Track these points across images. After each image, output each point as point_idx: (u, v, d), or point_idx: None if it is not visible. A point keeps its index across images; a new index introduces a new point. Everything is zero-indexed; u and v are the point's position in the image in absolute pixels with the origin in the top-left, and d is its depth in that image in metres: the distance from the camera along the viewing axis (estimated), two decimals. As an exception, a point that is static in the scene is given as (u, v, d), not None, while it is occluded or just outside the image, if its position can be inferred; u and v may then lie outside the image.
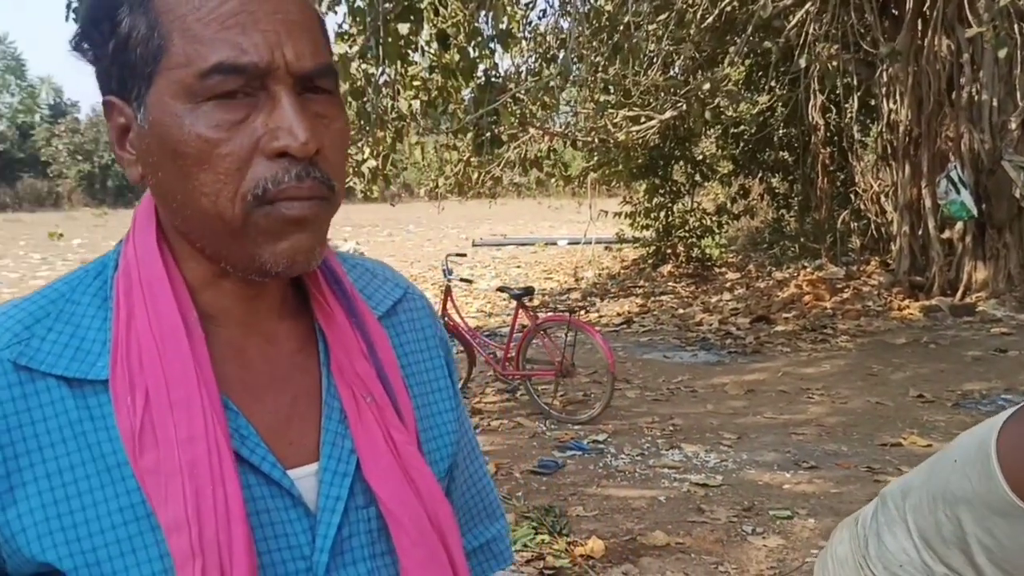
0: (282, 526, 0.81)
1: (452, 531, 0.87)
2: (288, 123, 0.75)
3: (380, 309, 0.94)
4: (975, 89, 9.48)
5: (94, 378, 0.78)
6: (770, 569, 3.91)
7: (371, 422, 0.85)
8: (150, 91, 0.77)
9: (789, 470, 5.20)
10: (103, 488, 0.76)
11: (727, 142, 14.73)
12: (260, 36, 0.74)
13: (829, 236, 12.88)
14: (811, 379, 7.46)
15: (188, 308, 0.81)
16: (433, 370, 0.97)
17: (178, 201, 0.78)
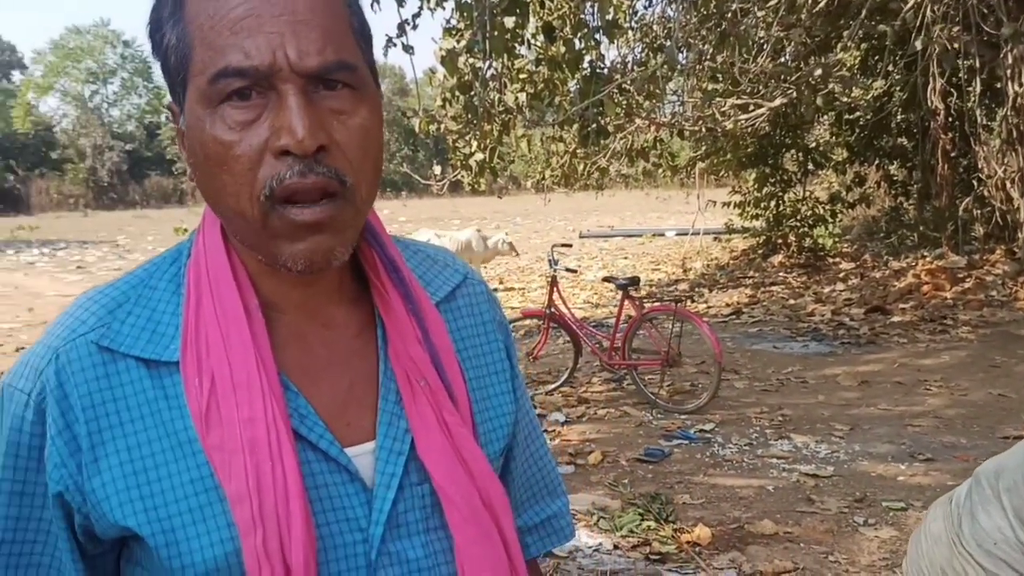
0: (340, 500, 0.86)
1: (504, 509, 0.91)
2: (289, 122, 0.77)
3: (438, 295, 0.98)
4: (1109, 67, 8.97)
5: (168, 360, 0.85)
6: (882, 560, 3.85)
7: (425, 405, 0.89)
8: (185, 98, 0.82)
9: (904, 462, 5.08)
10: (176, 462, 0.83)
11: (841, 129, 14.31)
12: (264, 39, 0.77)
13: (950, 224, 12.39)
14: (929, 370, 7.24)
15: (250, 296, 0.86)
16: (490, 353, 1.01)
17: (212, 200, 0.84)
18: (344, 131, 0.81)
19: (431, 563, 0.89)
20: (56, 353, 0.84)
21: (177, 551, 0.81)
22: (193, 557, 0.81)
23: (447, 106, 8.91)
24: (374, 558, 0.86)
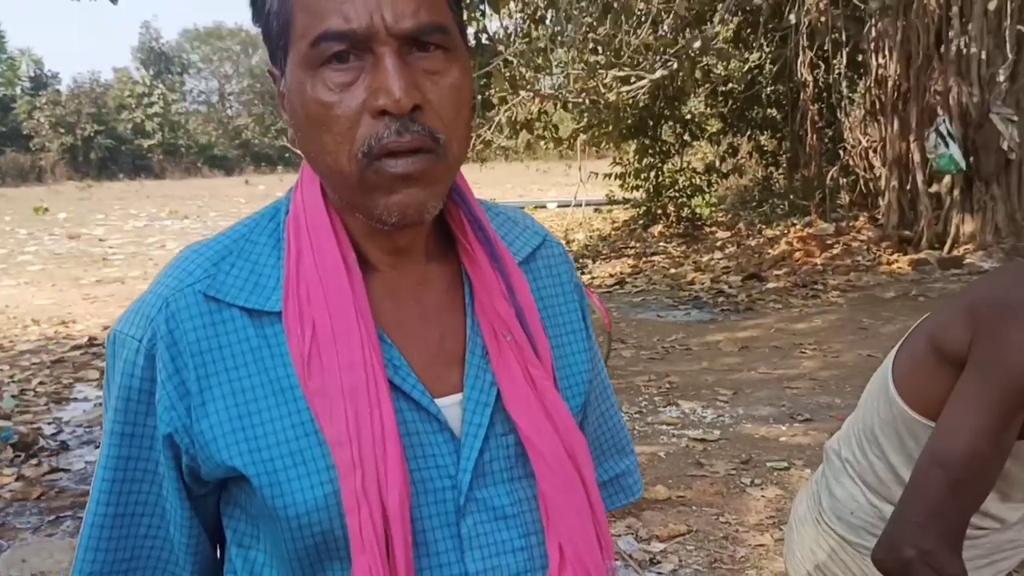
0: (430, 447, 0.89)
1: (586, 460, 0.95)
2: (386, 82, 0.81)
3: (520, 255, 1.01)
4: (964, 42, 9.50)
5: (270, 310, 0.88)
6: (769, 518, 4.01)
7: (510, 358, 0.92)
8: (287, 61, 0.86)
9: (785, 423, 5.30)
10: (278, 407, 0.87)
11: (716, 100, 14.71)
12: (361, 3, 0.81)
13: (818, 192, 12.94)
14: (803, 334, 7.56)
15: (348, 251, 0.89)
16: (568, 313, 1.04)
17: (312, 159, 0.88)
18: (437, 91, 0.84)
19: (516, 510, 0.92)
20: (166, 301, 0.89)
21: (280, 491, 0.85)
22: (295, 497, 0.85)
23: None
24: (462, 503, 0.90)
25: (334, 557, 0.87)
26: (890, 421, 1.45)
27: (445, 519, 0.89)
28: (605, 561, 0.96)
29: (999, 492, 1.38)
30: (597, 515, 0.95)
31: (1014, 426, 1.24)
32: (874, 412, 1.50)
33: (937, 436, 1.28)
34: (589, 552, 0.93)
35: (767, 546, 3.74)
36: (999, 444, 1.24)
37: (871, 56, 11.09)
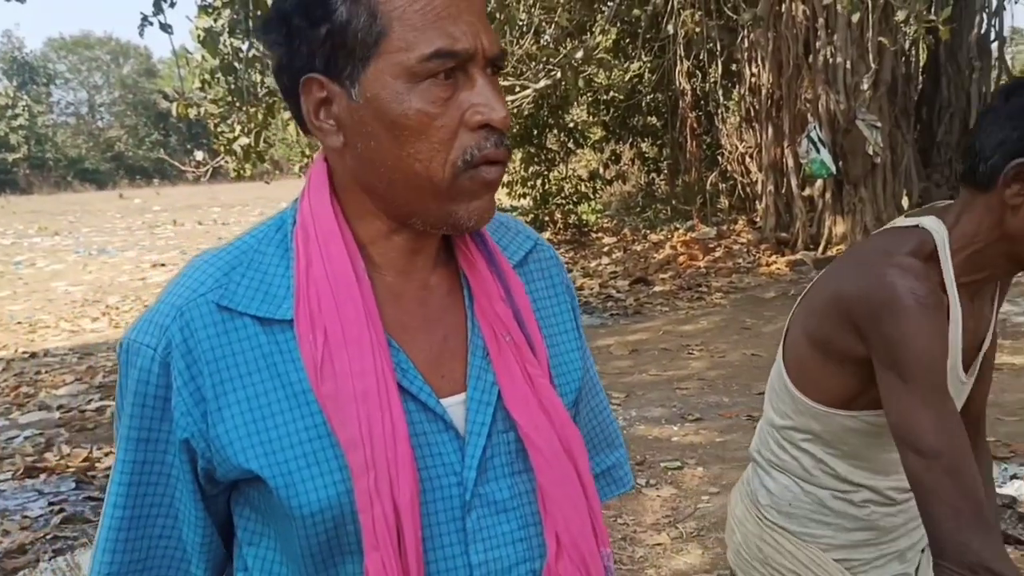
0: (437, 447, 0.94)
1: (581, 454, 1.00)
2: (488, 99, 0.89)
3: (515, 259, 1.06)
4: (830, 52, 9.94)
5: (281, 318, 0.92)
6: (665, 517, 4.10)
7: (510, 358, 0.97)
8: (366, 71, 0.89)
9: (676, 423, 5.43)
10: (291, 411, 0.91)
11: (598, 109, 14.97)
12: (466, 27, 0.88)
13: (699, 197, 13.31)
14: (690, 336, 7.76)
15: (356, 258, 0.94)
16: (561, 314, 1.09)
17: (387, 166, 0.91)
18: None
19: (516, 503, 0.97)
20: (180, 311, 0.92)
21: (295, 491, 0.89)
22: (308, 497, 0.89)
23: (206, 88, 8.49)
24: (468, 499, 0.94)
25: (345, 552, 0.92)
26: (797, 415, 1.53)
27: (451, 514, 0.94)
28: (600, 549, 1.01)
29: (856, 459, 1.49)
30: (592, 506, 1.00)
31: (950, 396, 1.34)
32: (780, 410, 1.58)
33: (908, 445, 1.34)
34: (585, 541, 0.99)
35: (664, 545, 3.82)
36: (955, 418, 1.33)
37: (745, 65, 11.50)
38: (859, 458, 1.51)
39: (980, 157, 1.33)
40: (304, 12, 0.90)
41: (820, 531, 1.53)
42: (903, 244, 1.39)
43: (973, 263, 1.37)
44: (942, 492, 1.29)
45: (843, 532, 1.53)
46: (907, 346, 1.31)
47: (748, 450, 1.75)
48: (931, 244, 1.38)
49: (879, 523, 1.53)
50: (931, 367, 1.30)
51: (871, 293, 1.35)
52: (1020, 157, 1.30)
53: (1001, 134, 1.31)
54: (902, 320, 1.31)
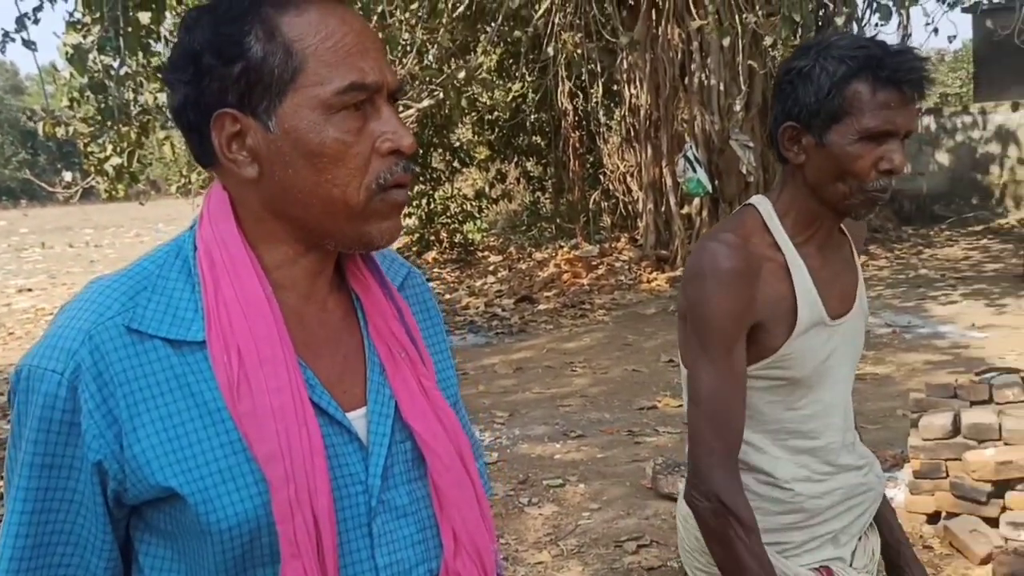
0: (345, 457, 1.00)
1: (471, 457, 1.09)
2: (396, 128, 0.97)
3: (395, 283, 1.14)
4: (704, 75, 10.28)
5: (191, 339, 0.96)
6: (547, 535, 4.13)
7: (406, 373, 1.05)
8: (283, 104, 0.95)
9: (559, 440, 5.48)
10: (206, 429, 0.94)
11: (483, 129, 15.07)
12: (373, 62, 0.97)
13: (582, 216, 13.52)
14: (573, 353, 7.86)
15: (265, 282, 0.99)
16: (437, 335, 1.19)
17: (305, 192, 0.97)
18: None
19: (415, 508, 1.04)
20: (88, 335, 0.94)
21: (212, 507, 0.92)
22: (226, 512, 0.93)
23: (75, 107, 8.18)
24: (374, 505, 1.01)
25: (258, 565, 0.95)
26: None
27: (358, 520, 1.00)
28: (491, 544, 1.10)
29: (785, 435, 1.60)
30: (483, 505, 1.09)
31: (738, 352, 1.51)
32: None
33: (690, 390, 1.56)
34: (480, 537, 1.07)
35: (546, 563, 3.85)
36: (732, 378, 1.51)
37: (624, 86, 11.77)
38: (767, 424, 1.58)
39: (772, 137, 1.55)
40: (216, 51, 0.96)
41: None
42: (728, 223, 1.60)
43: (803, 220, 1.56)
44: (702, 434, 1.50)
45: (770, 516, 1.57)
46: (700, 308, 1.51)
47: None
48: (757, 215, 1.57)
49: (804, 505, 1.59)
50: (720, 328, 1.49)
51: (688, 266, 1.58)
52: (786, 121, 1.50)
53: (775, 110, 1.54)
54: (699, 285, 1.51)
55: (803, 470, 1.59)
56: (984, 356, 6.55)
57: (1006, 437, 3.68)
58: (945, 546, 3.69)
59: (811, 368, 1.57)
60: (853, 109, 1.44)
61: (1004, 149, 14.24)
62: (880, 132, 1.45)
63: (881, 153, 1.46)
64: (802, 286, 1.54)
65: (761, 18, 8.34)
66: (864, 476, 1.66)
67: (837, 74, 1.44)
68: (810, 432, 1.59)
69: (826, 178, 1.49)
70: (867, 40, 1.49)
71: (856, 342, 1.67)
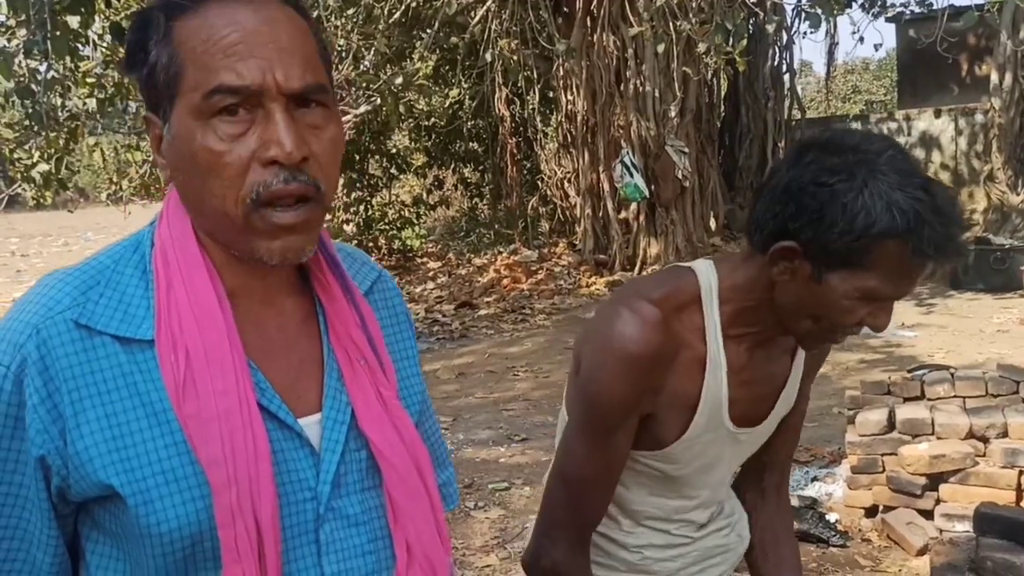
0: (294, 463, 0.97)
1: (428, 469, 1.06)
2: (278, 136, 0.89)
3: (362, 288, 1.10)
4: (640, 81, 10.41)
5: (141, 338, 0.93)
6: (494, 539, 4.13)
7: (364, 381, 1.02)
8: (173, 110, 0.93)
9: (503, 444, 5.49)
10: (151, 429, 0.92)
11: (420, 135, 15.04)
12: (255, 63, 0.90)
13: (521, 221, 13.57)
14: (515, 357, 7.88)
15: (218, 284, 0.96)
16: (404, 341, 1.15)
17: (194, 200, 0.95)
18: (319, 144, 0.93)
19: (367, 517, 1.02)
20: (36, 329, 0.92)
21: (152, 508, 0.90)
22: (167, 514, 0.91)
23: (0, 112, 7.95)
24: (321, 512, 0.98)
25: (201, 569, 0.94)
26: None
27: (305, 527, 0.98)
28: (446, 556, 1.08)
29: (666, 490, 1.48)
30: (438, 517, 1.07)
31: (619, 441, 1.36)
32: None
33: (558, 456, 1.43)
34: (434, 549, 1.05)
35: (493, 566, 3.85)
36: (607, 462, 1.37)
37: (561, 93, 11.87)
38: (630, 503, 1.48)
39: (758, 222, 1.28)
40: (131, 55, 0.95)
41: (597, 571, 1.48)
42: (658, 287, 1.36)
43: (744, 317, 1.35)
44: (560, 511, 1.40)
45: (616, 573, 1.50)
46: (593, 385, 1.34)
47: None
48: (695, 289, 1.35)
49: (652, 568, 1.50)
50: (607, 413, 1.33)
51: (590, 326, 1.39)
52: (789, 239, 1.23)
53: (777, 206, 1.25)
54: (599, 358, 1.33)
55: (656, 539, 1.49)
56: (915, 354, 6.75)
57: (938, 431, 3.80)
58: (883, 539, 3.79)
59: (692, 469, 1.43)
60: (874, 267, 1.20)
61: (928, 155, 14.67)
62: (887, 298, 1.24)
63: (871, 311, 1.25)
64: (713, 388, 1.36)
65: (695, 26, 8.48)
66: (724, 537, 1.56)
67: (878, 225, 1.17)
68: (675, 512, 1.48)
69: (800, 310, 1.28)
70: (920, 182, 1.20)
71: (756, 444, 1.50)
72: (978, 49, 14.33)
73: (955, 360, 6.17)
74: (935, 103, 14.73)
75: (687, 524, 1.51)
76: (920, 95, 15.51)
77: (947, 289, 9.47)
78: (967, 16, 7.72)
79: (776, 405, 1.47)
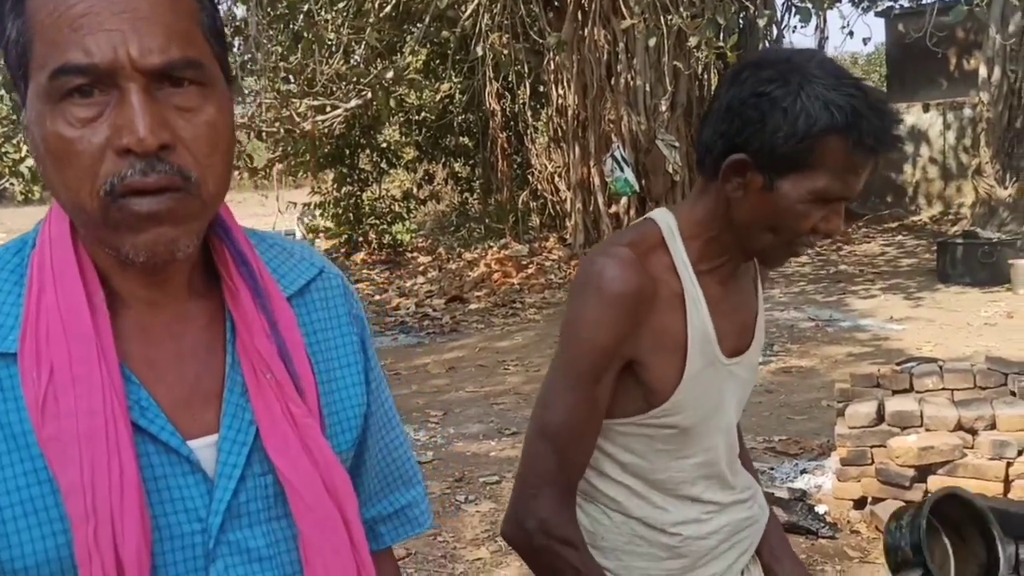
0: (179, 491, 0.86)
1: (348, 497, 0.93)
2: (131, 120, 0.77)
3: (291, 288, 0.98)
4: (630, 76, 10.42)
5: (4, 351, 0.83)
6: (484, 532, 4.14)
7: (271, 397, 0.89)
8: (28, 92, 0.82)
9: (494, 438, 5.50)
10: (9, 453, 0.82)
11: (410, 129, 15.03)
12: (104, 36, 0.77)
13: (511, 216, 13.58)
14: (506, 352, 7.88)
15: (95, 289, 0.85)
16: (343, 347, 1.01)
17: (54, 193, 0.84)
18: (191, 128, 0.81)
19: (273, 551, 0.91)
20: None
21: (7, 543, 0.81)
22: (23, 549, 0.81)
23: (-12, 105, 7.92)
24: (212, 547, 0.87)
25: None
26: None
27: (192, 564, 0.87)
28: None
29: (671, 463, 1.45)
30: (359, 551, 0.94)
31: (602, 390, 1.35)
32: None
33: (538, 409, 1.40)
34: None
35: (484, 559, 3.86)
36: (591, 410, 1.35)
37: (552, 87, 11.87)
38: (653, 473, 1.46)
39: (706, 147, 1.33)
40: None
41: (636, 563, 1.47)
42: (624, 235, 1.41)
43: (711, 249, 1.38)
44: (543, 464, 1.36)
45: (656, 561, 1.47)
46: (575, 329, 1.35)
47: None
48: (657, 232, 1.38)
49: (691, 547, 1.48)
50: (590, 355, 1.33)
51: (574, 278, 1.40)
52: (737, 152, 1.28)
53: (723, 126, 1.29)
54: (579, 303, 1.35)
55: (691, 511, 1.47)
56: (903, 347, 6.78)
57: (927, 423, 3.82)
58: (872, 530, 3.81)
59: (701, 416, 1.42)
60: (821, 166, 1.25)
61: (916, 149, 14.73)
62: (839, 196, 1.28)
63: (825, 214, 1.29)
64: (697, 323, 1.37)
65: (686, 19, 8.48)
66: (749, 509, 1.55)
67: (819, 123, 1.23)
68: (697, 475, 1.46)
69: (758, 224, 1.32)
70: (851, 82, 1.27)
71: (751, 378, 1.53)
72: (967, 44, 14.39)
73: (943, 353, 6.20)
74: (924, 97, 14.80)
75: (713, 483, 1.49)
76: (909, 89, 15.57)
77: (935, 283, 9.51)
78: (956, 11, 7.74)
79: (756, 333, 1.50)
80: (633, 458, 1.44)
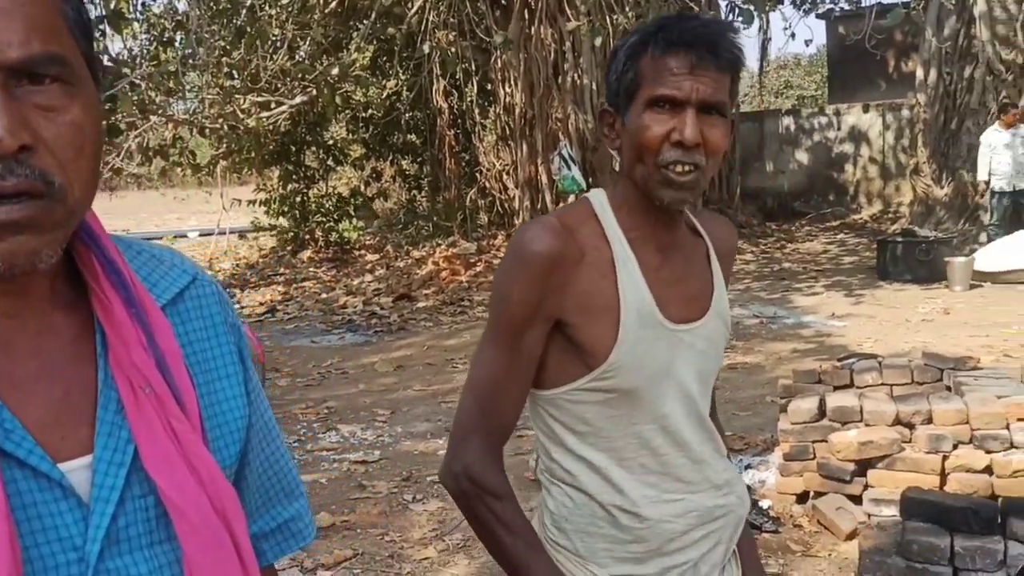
0: (51, 519, 0.80)
1: (236, 515, 0.89)
2: None
3: (164, 297, 0.93)
4: (577, 74, 10.47)
5: None
6: (432, 531, 4.12)
7: (150, 412, 0.84)
8: None
9: (442, 437, 5.48)
10: None
11: (357, 126, 14.92)
12: None
13: (459, 214, 13.56)
14: (454, 350, 7.87)
15: None
16: (220, 357, 0.96)
17: None
18: (53, 128, 0.76)
19: None
20: None
21: None
22: None
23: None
24: None
25: None
26: (534, 411, 1.52)
27: None
28: None
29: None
30: (249, 571, 0.89)
31: (526, 345, 1.41)
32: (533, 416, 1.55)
33: (469, 369, 1.48)
34: None
35: (432, 559, 3.85)
36: (511, 362, 1.41)
37: (499, 85, 11.88)
38: (610, 440, 1.44)
39: None
40: None
41: (598, 544, 1.45)
42: (557, 210, 1.53)
43: (636, 214, 1.44)
44: (469, 416, 1.43)
45: (619, 544, 1.45)
46: (499, 288, 1.44)
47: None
48: (589, 207, 1.46)
49: (654, 531, 1.45)
50: (512, 312, 1.40)
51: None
52: (606, 104, 1.44)
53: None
54: (503, 265, 1.44)
55: (652, 490, 1.45)
56: (844, 343, 6.91)
57: (867, 419, 3.90)
58: (814, 524, 3.87)
59: (646, 378, 1.41)
60: (642, 80, 1.36)
61: (857, 148, 15.03)
62: (665, 98, 1.33)
63: (673, 125, 1.33)
64: (629, 284, 1.40)
65: (631, 19, 8.54)
66: (723, 497, 1.52)
67: (627, 46, 1.39)
68: (657, 448, 1.45)
69: (630, 159, 1.40)
70: (677, 15, 1.42)
71: (712, 352, 1.52)
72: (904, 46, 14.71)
73: (883, 349, 6.34)
74: (864, 98, 15.10)
75: (676, 458, 1.47)
76: (849, 90, 15.88)
77: (875, 280, 9.71)
78: (894, 14, 7.91)
79: (712, 304, 1.51)
80: (587, 428, 1.44)
